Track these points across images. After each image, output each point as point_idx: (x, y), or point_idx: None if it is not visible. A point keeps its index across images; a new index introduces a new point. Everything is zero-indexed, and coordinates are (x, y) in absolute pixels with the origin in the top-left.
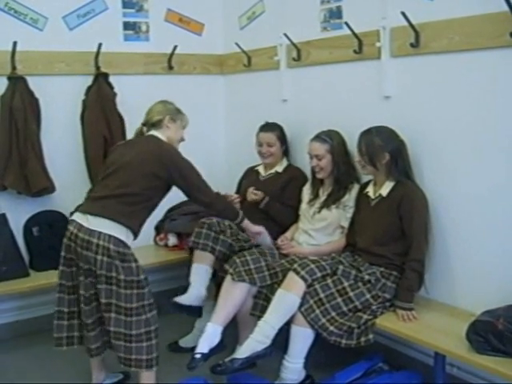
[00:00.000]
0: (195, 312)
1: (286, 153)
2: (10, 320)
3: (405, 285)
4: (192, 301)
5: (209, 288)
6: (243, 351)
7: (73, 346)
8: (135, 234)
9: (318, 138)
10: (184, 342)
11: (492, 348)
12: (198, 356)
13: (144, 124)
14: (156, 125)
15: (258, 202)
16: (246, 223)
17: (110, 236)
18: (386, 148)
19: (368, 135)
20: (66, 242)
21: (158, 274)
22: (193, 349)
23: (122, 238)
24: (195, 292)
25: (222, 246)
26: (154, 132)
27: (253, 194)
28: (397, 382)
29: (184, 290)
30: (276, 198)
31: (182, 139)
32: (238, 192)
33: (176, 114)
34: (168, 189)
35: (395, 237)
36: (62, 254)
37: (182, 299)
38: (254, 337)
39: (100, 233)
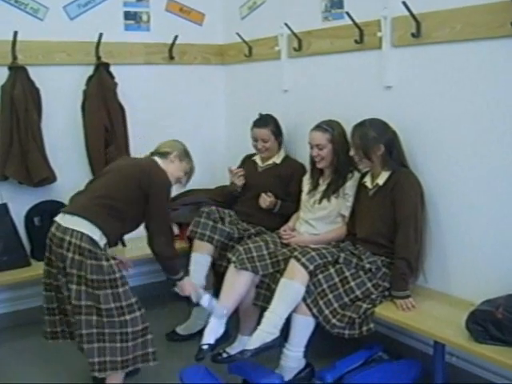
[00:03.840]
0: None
1: (281, 143)
2: (11, 310)
3: (396, 273)
4: None
5: (207, 277)
6: (253, 342)
7: (57, 339)
8: (109, 240)
9: (319, 127)
10: (182, 330)
11: (491, 337)
12: (205, 347)
13: (152, 153)
14: (162, 155)
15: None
16: (182, 283)
17: (82, 234)
18: (381, 140)
19: (362, 128)
20: (47, 242)
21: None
22: (191, 336)
23: (95, 237)
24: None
25: (221, 235)
26: (156, 158)
27: (268, 202)
28: (396, 371)
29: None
30: (274, 189)
31: (179, 181)
32: None
33: (185, 155)
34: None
35: (393, 226)
36: (46, 254)
37: None
38: (263, 328)
39: (73, 230)
